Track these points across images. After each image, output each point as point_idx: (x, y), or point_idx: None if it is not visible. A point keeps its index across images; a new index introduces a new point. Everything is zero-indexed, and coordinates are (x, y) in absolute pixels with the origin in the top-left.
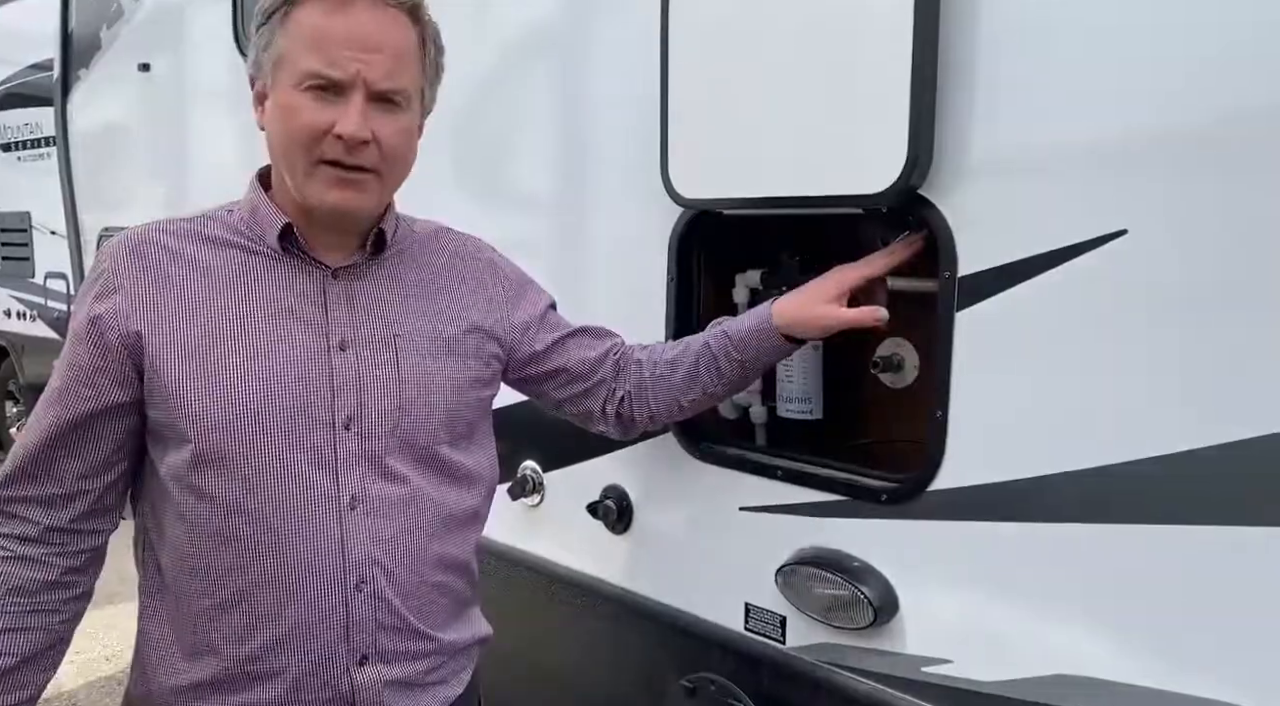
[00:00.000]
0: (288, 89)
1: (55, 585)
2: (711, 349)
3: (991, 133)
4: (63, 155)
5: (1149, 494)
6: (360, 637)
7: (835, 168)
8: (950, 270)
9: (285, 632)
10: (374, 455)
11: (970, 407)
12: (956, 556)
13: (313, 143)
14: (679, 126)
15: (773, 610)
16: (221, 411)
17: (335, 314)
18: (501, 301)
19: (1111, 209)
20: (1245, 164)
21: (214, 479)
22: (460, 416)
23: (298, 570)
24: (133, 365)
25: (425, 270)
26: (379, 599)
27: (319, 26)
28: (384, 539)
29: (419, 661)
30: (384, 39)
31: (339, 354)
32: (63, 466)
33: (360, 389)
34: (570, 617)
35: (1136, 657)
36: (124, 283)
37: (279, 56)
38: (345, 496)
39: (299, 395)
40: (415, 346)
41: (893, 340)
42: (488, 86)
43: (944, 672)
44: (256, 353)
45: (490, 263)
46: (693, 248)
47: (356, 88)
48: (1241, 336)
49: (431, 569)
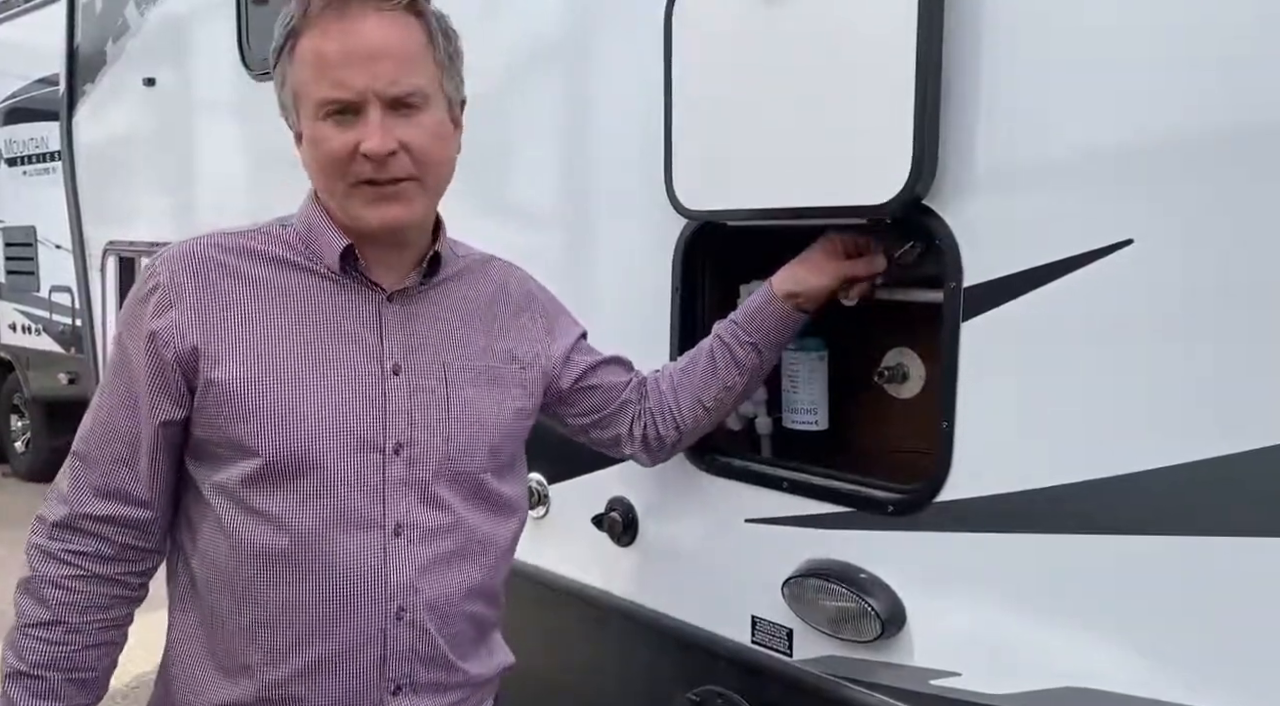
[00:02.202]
0: (310, 121)
1: (129, 600)
2: (724, 339)
3: (995, 143)
4: (68, 169)
5: (1156, 505)
6: (396, 667)
7: (839, 179)
8: (956, 281)
9: (322, 657)
10: (421, 482)
11: (977, 419)
12: (964, 568)
13: (343, 167)
14: (683, 138)
15: (779, 622)
16: (276, 429)
17: (390, 338)
18: (541, 333)
19: (1116, 219)
20: (1251, 173)
21: (263, 496)
22: (504, 447)
23: (340, 594)
24: (185, 382)
25: (474, 298)
26: (418, 628)
27: (319, 52)
28: (426, 567)
29: (448, 693)
30: (385, 44)
31: (392, 378)
32: (132, 484)
33: (411, 415)
34: (575, 630)
35: (1146, 670)
36: (180, 297)
37: (295, 92)
38: (391, 522)
39: (352, 418)
40: (464, 375)
41: (898, 351)
42: (493, 100)
43: (952, 685)
44: (313, 373)
45: (530, 294)
46: (697, 259)
47: (370, 102)
48: (1247, 346)
49: (467, 599)
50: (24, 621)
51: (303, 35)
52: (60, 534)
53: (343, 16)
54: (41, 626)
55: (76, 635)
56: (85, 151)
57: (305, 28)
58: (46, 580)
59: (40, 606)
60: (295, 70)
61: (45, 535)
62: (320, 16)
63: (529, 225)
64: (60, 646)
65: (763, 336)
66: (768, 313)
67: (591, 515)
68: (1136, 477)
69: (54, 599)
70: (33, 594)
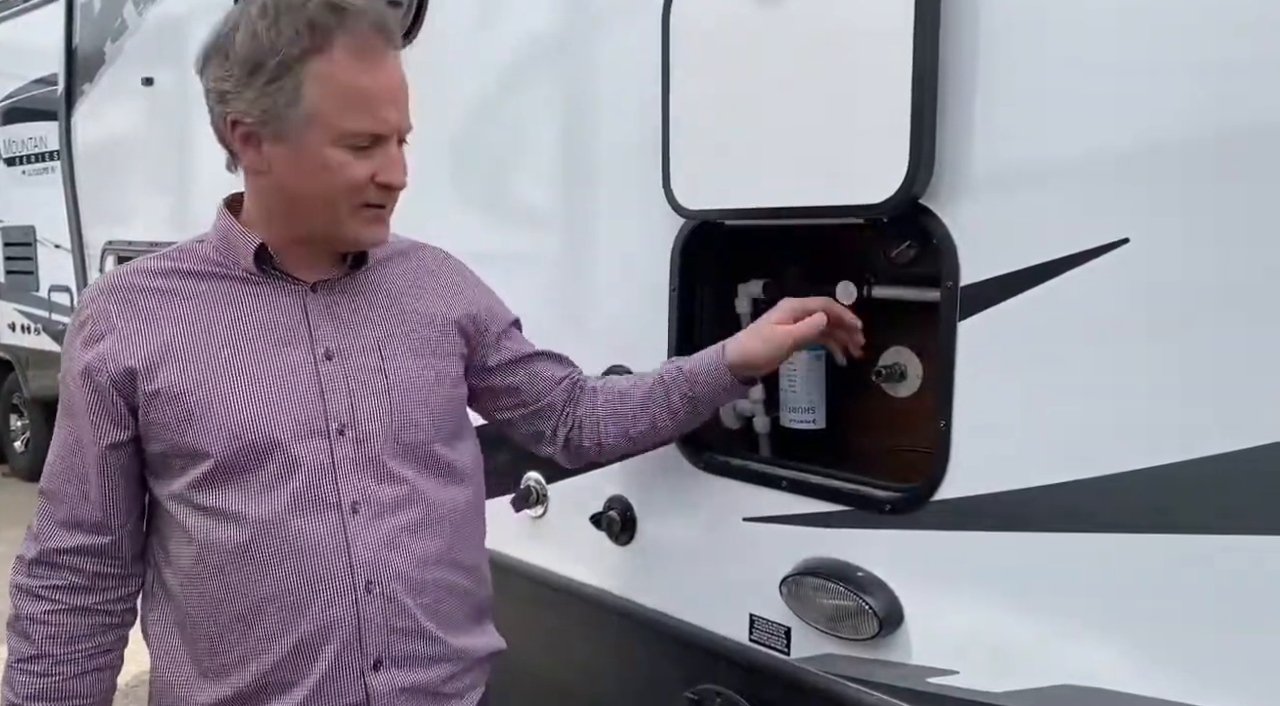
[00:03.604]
0: (323, 146)
1: (113, 626)
2: (665, 382)
3: (992, 143)
4: (67, 169)
5: (1152, 503)
6: (373, 640)
7: (836, 178)
8: (952, 280)
9: (299, 642)
10: (372, 459)
11: (974, 417)
12: (962, 566)
13: (357, 194)
14: (680, 137)
15: (777, 621)
16: (220, 429)
17: (318, 326)
18: (470, 300)
19: (1113, 218)
20: (1247, 172)
21: (219, 494)
22: (449, 414)
23: (308, 576)
24: (125, 404)
25: (405, 276)
26: (389, 599)
27: (358, 85)
28: (389, 540)
29: (434, 667)
30: (401, 85)
31: (325, 364)
32: (91, 512)
33: (350, 395)
34: (574, 629)
35: (1143, 668)
36: (110, 326)
37: (309, 113)
38: (347, 501)
39: (291, 407)
40: (400, 349)
41: (895, 349)
42: (490, 100)
43: (950, 683)
44: (247, 370)
45: (461, 270)
46: (695, 258)
47: (393, 137)
48: (1244, 344)
49: (438, 567)
50: (14, 657)
51: (323, 59)
52: (36, 570)
53: (372, 52)
54: (29, 661)
55: (64, 666)
56: (84, 151)
57: (328, 51)
58: (28, 617)
59: (26, 642)
60: (315, 92)
61: (24, 573)
62: (347, 47)
63: (527, 226)
64: (48, 677)
65: (701, 395)
66: (712, 375)
67: (590, 514)
68: (1133, 476)
69: (37, 634)
70: (18, 631)
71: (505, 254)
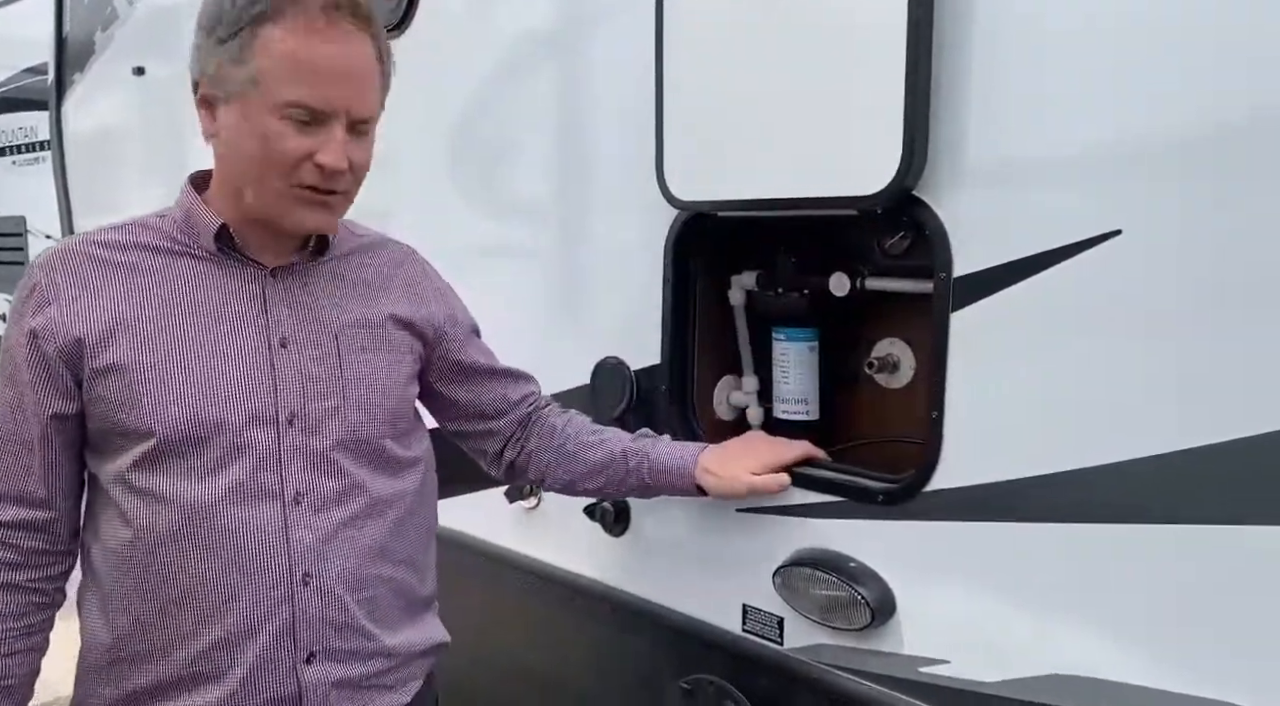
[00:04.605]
0: (263, 113)
1: (43, 606)
2: (629, 463)
3: (985, 134)
4: (57, 159)
5: (1144, 493)
6: (307, 634)
7: (829, 169)
8: (945, 271)
9: (231, 630)
10: (319, 451)
11: (966, 408)
12: (953, 557)
13: (291, 170)
14: (674, 128)
15: (770, 611)
16: (166, 409)
17: (276, 312)
18: (432, 304)
19: (1106, 209)
20: (1240, 164)
21: (159, 476)
22: (400, 413)
23: (242, 565)
24: (71, 375)
25: (368, 269)
26: (326, 593)
27: (302, 54)
28: (330, 533)
29: (368, 662)
30: (360, 66)
31: (280, 351)
32: (32, 485)
33: (303, 385)
34: (567, 620)
35: (1133, 657)
36: (57, 294)
37: (253, 76)
38: (290, 491)
39: (241, 392)
40: (356, 342)
41: (889, 341)
42: (484, 90)
43: (941, 673)
44: (198, 352)
45: (426, 272)
46: (688, 250)
47: (338, 118)
48: (1237, 335)
49: (380, 563)
50: None
51: (278, 25)
52: None
53: (330, 25)
54: None
55: None
56: (74, 141)
57: (282, 18)
58: None
59: None
60: (262, 56)
61: None
62: (303, 16)
63: (520, 217)
64: None
65: (656, 486)
66: (674, 479)
67: (584, 505)
68: (1125, 466)
69: None
70: None
71: (500, 245)
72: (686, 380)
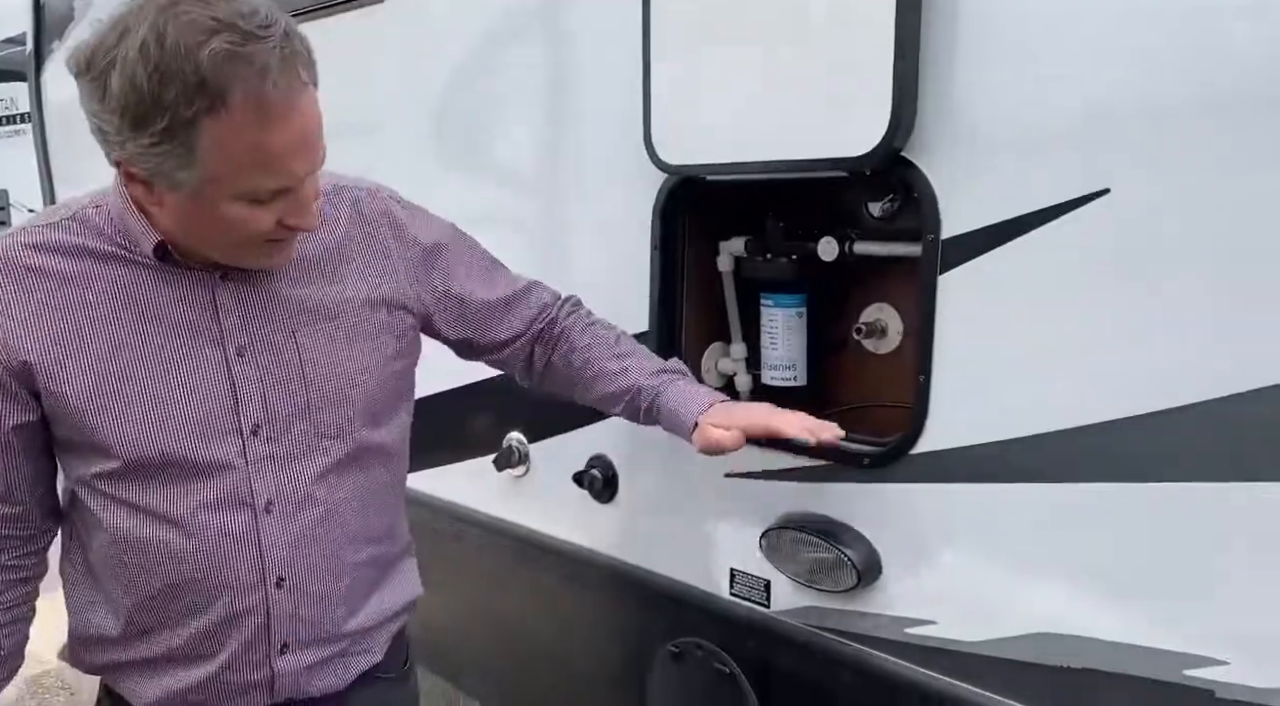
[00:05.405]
0: (219, 203)
1: (24, 579)
2: (640, 402)
3: (973, 95)
4: (38, 130)
5: (1129, 453)
6: (281, 630)
7: (817, 131)
8: (933, 233)
9: (207, 627)
10: (288, 455)
11: (952, 371)
12: (938, 519)
13: (260, 238)
14: (661, 91)
15: (757, 574)
16: (126, 435)
17: (228, 320)
18: (411, 264)
19: (1093, 168)
20: (1226, 122)
21: (128, 489)
22: (378, 398)
23: (216, 574)
24: (27, 390)
25: (321, 248)
26: (299, 593)
27: (265, 147)
28: (304, 534)
29: (341, 642)
30: (312, 125)
31: (237, 362)
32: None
33: (264, 393)
34: (558, 586)
35: (1115, 614)
36: (3, 309)
37: (204, 177)
38: (260, 501)
39: (202, 409)
40: (320, 339)
41: (876, 306)
42: (468, 58)
43: (927, 633)
44: (154, 372)
45: (395, 223)
46: (677, 215)
47: (304, 181)
48: (1224, 292)
49: (356, 547)
50: None
51: (226, 117)
52: None
53: (279, 102)
54: None
55: None
56: (55, 112)
57: (226, 109)
58: None
59: None
60: (214, 158)
61: None
62: (253, 97)
63: (509, 184)
64: None
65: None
66: (677, 426)
67: (572, 473)
68: (1109, 426)
69: None
70: None
71: (486, 213)
72: (674, 347)
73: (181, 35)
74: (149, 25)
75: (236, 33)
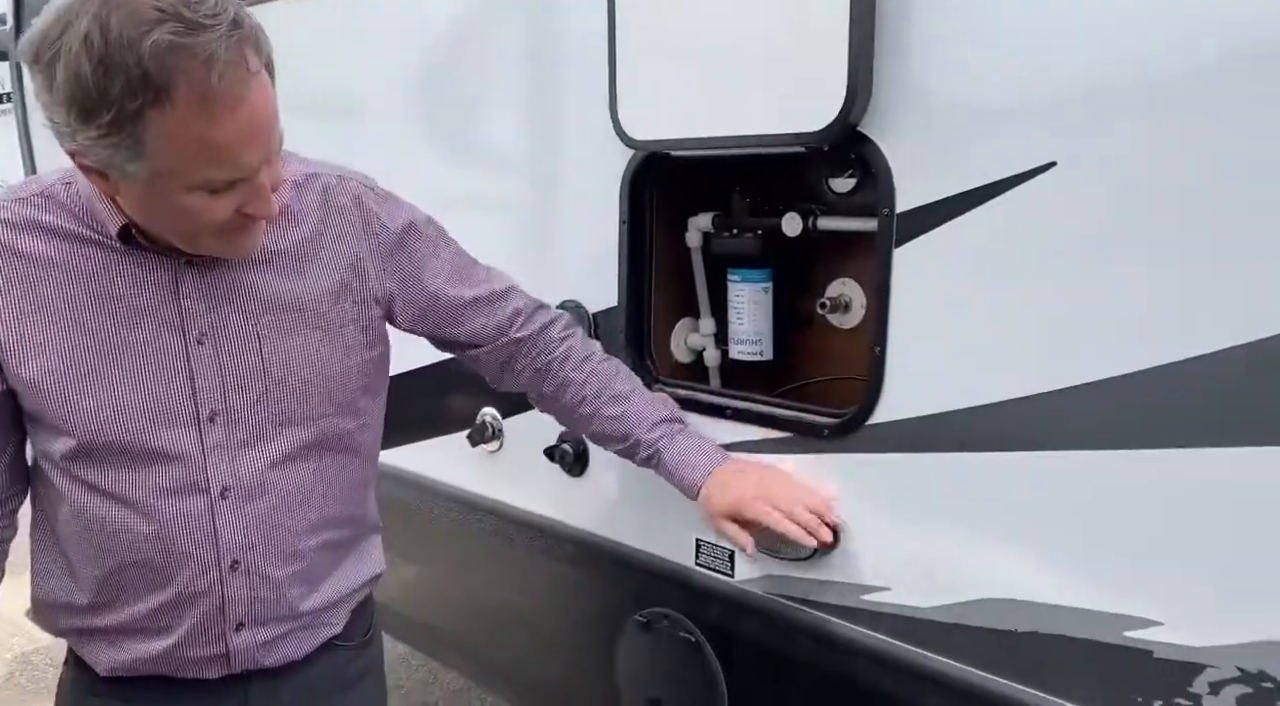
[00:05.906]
0: (173, 194)
1: None
2: (639, 454)
3: (928, 68)
4: (19, 110)
5: (1080, 421)
6: (236, 610)
7: (776, 106)
8: (888, 207)
9: (163, 605)
10: (245, 443)
11: (907, 342)
12: (894, 487)
13: (218, 227)
14: (626, 67)
15: (721, 545)
16: (84, 417)
17: (190, 306)
18: (379, 253)
19: (1039, 142)
20: (1172, 95)
21: (87, 469)
22: (342, 389)
23: (172, 557)
24: None
25: (293, 233)
26: (254, 575)
27: (211, 139)
28: (259, 519)
29: (299, 618)
30: (265, 115)
31: (197, 348)
32: None
33: (222, 380)
34: (529, 559)
35: (1064, 579)
36: None
37: (155, 170)
38: (216, 486)
39: (159, 395)
40: (283, 328)
41: (840, 281)
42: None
43: (883, 600)
44: (113, 356)
45: (365, 211)
46: (645, 191)
47: (259, 171)
48: (1174, 259)
49: (315, 533)
50: None
51: (172, 109)
52: None
53: (226, 92)
54: None
55: None
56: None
57: (171, 102)
58: None
59: None
60: (162, 150)
61: None
62: (197, 87)
63: (478, 162)
64: None
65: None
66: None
67: (544, 447)
68: (1059, 395)
69: None
70: None
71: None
72: (643, 322)
73: (124, 26)
74: (92, 16)
75: (180, 22)
